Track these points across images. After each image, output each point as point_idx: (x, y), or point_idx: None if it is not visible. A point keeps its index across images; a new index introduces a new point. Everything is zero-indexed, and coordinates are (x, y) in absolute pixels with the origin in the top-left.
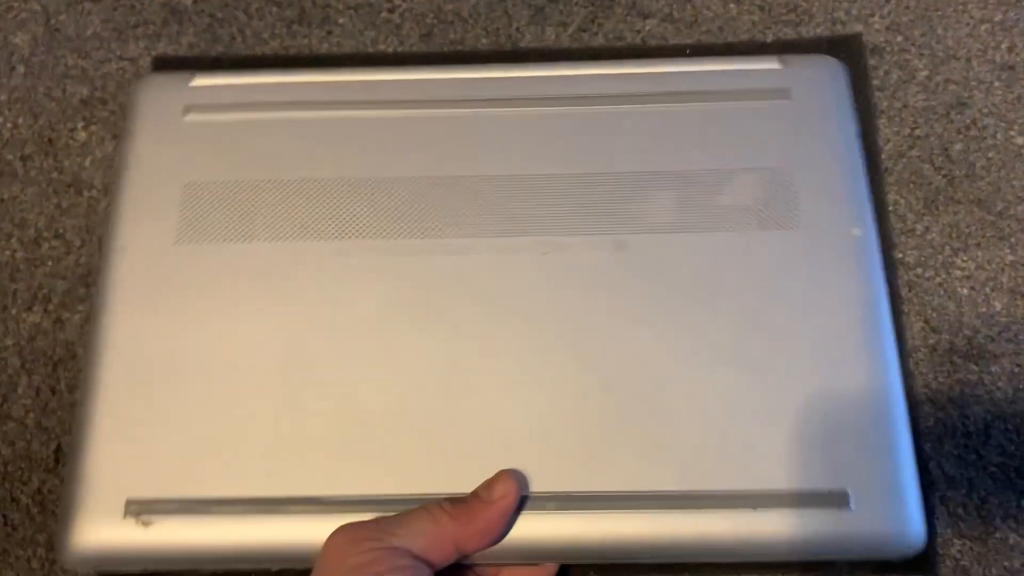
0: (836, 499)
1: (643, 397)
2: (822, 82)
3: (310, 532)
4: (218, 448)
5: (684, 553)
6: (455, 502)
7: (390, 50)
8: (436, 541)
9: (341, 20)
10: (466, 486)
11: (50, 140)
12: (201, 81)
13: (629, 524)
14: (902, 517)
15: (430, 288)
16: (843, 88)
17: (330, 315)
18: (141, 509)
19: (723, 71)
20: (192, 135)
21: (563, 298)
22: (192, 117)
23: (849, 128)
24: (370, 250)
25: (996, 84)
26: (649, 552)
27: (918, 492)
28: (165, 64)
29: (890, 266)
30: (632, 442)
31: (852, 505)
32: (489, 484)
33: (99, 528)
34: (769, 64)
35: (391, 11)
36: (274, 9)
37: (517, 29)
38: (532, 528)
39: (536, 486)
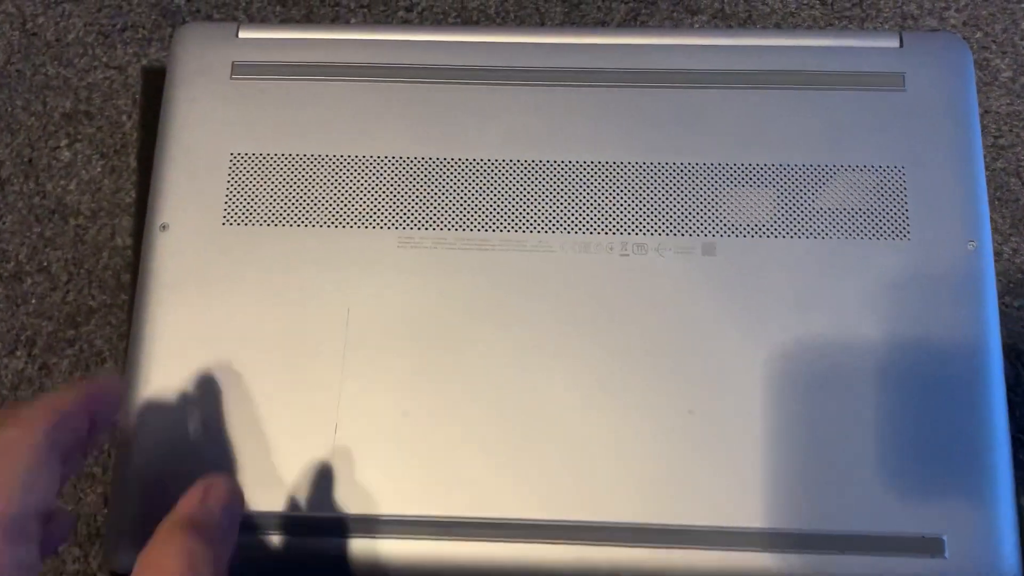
0: (930, 546)
1: (728, 423)
2: (943, 67)
3: (368, 553)
4: (270, 457)
5: None
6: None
7: None
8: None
9: (352, 20)
10: (527, 509)
11: (30, 160)
12: (249, 33)
13: (709, 561)
14: (999, 570)
15: (498, 288)
16: (966, 74)
17: (390, 312)
18: None
19: (834, 47)
20: (240, 97)
21: (643, 306)
22: (240, 77)
23: (969, 123)
24: (435, 242)
25: None
26: None
27: (1016, 542)
28: (155, 75)
29: None
30: (714, 473)
31: (947, 553)
32: None
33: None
34: (886, 41)
35: (408, 9)
36: (278, 8)
37: (560, 25)
38: (611, 559)
39: (611, 515)
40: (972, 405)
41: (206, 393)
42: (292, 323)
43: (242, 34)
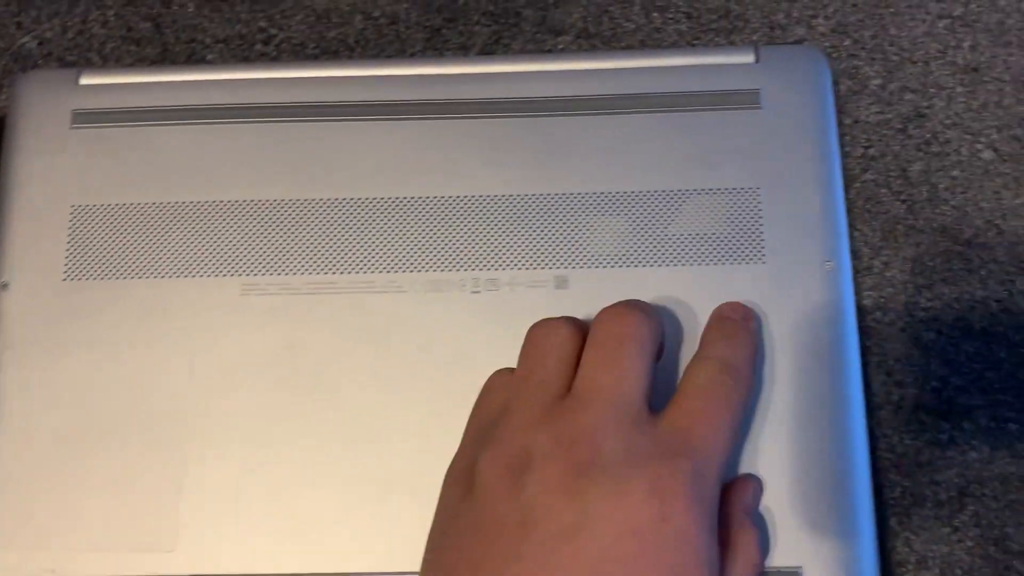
0: None
1: None
2: (799, 81)
3: None
4: (114, 520)
5: None
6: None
7: None
8: None
9: (210, 56)
10: (381, 563)
11: None
12: (91, 79)
13: None
14: None
15: (347, 333)
16: (823, 88)
17: (234, 365)
18: None
19: (691, 66)
20: (81, 147)
21: (496, 344)
22: (81, 125)
23: (826, 138)
24: (280, 288)
25: (958, 90)
26: None
27: (877, 574)
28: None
29: None
30: None
31: None
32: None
33: None
34: (742, 57)
35: (265, 43)
36: (132, 48)
37: (412, 56)
38: None
39: None
40: (831, 429)
41: (52, 454)
42: (135, 381)
43: (83, 80)
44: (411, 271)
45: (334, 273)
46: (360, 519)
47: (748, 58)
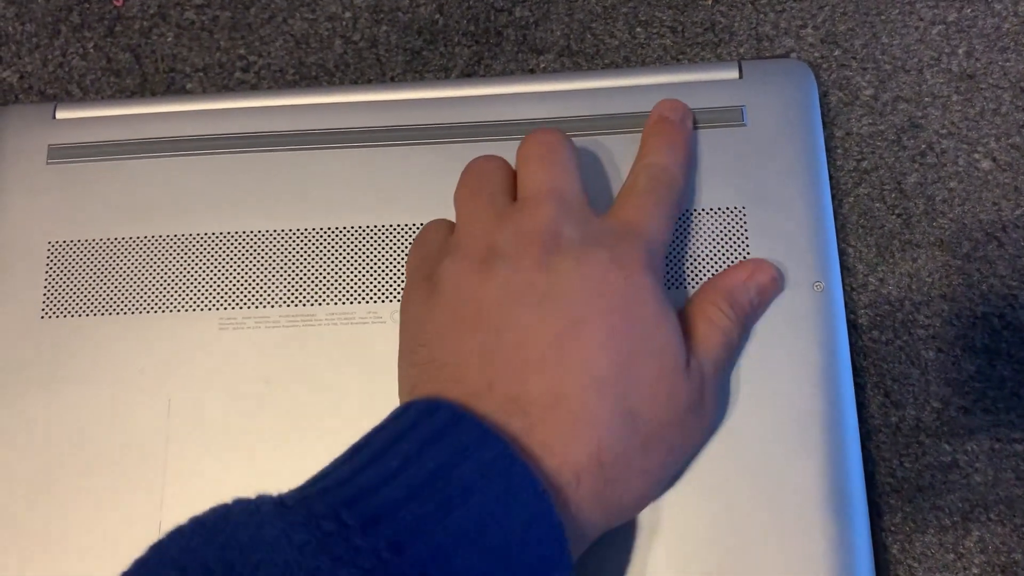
0: None
1: None
2: (784, 96)
3: None
4: (92, 560)
5: None
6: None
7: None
8: None
9: (189, 85)
10: None
11: None
12: (67, 113)
13: None
14: None
15: (328, 366)
16: (809, 103)
17: (213, 401)
18: None
19: (675, 83)
20: (57, 182)
21: None
22: (57, 160)
23: (813, 154)
24: (258, 321)
25: (954, 98)
26: None
27: None
28: None
29: None
30: None
31: None
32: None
33: None
34: (726, 73)
35: (245, 70)
36: (112, 79)
37: (392, 79)
38: None
39: None
40: (825, 455)
41: (30, 493)
42: (114, 418)
43: (59, 114)
44: (391, 301)
45: (313, 305)
46: None
47: (732, 74)
